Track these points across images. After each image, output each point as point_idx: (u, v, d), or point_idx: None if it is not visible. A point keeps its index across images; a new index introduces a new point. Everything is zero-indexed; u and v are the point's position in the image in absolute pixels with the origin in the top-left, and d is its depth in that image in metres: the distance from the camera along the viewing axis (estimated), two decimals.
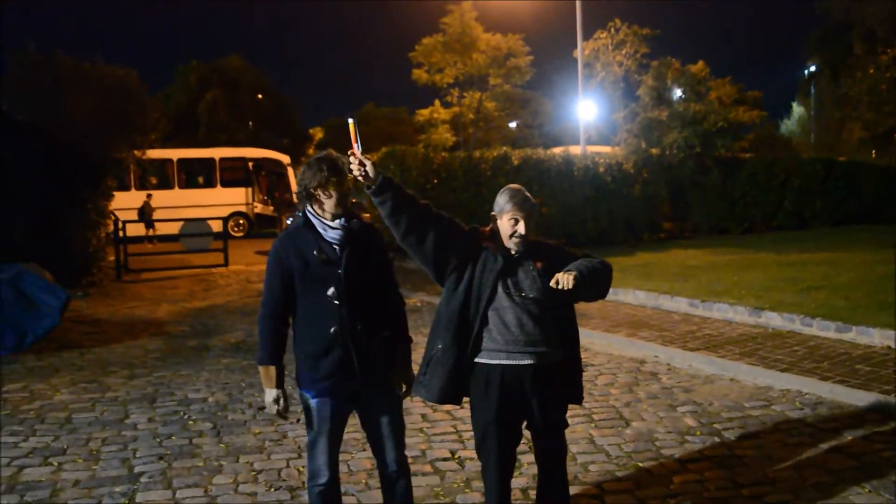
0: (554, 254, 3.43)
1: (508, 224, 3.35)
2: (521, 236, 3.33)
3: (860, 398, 5.78)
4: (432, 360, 3.37)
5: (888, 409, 5.57)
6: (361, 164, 3.11)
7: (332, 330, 3.19)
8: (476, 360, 3.33)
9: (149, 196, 23.93)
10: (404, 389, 3.42)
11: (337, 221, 3.25)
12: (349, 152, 3.17)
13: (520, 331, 3.28)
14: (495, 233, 3.42)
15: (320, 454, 3.29)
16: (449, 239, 3.32)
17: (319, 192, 3.21)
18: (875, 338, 7.35)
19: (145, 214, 23.02)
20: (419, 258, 3.30)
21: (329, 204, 3.22)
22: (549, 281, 3.21)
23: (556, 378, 3.35)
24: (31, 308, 8.38)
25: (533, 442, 3.53)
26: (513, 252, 3.37)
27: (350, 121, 3.12)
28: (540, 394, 3.32)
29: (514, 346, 3.28)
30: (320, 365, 3.22)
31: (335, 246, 3.23)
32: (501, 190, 3.47)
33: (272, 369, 3.26)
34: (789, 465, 4.62)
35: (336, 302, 3.18)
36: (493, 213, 3.44)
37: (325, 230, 3.24)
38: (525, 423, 3.45)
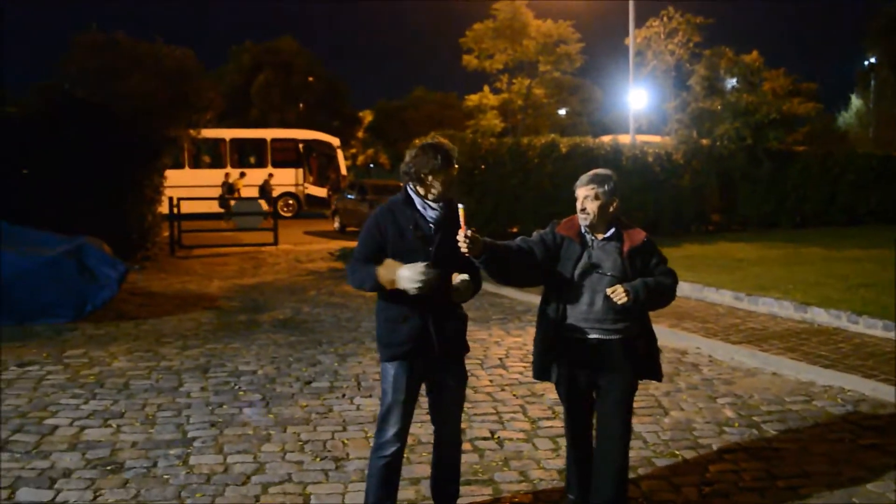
0: (642, 244, 3.58)
1: (578, 205, 3.59)
2: (583, 212, 3.55)
3: None
4: (535, 339, 3.76)
5: None
6: (471, 242, 3.27)
7: (414, 301, 3.38)
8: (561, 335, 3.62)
9: (270, 175, 25.20)
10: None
11: (437, 203, 3.46)
12: (459, 232, 3.29)
13: (589, 309, 3.52)
14: (575, 218, 3.66)
15: (392, 426, 3.49)
16: (538, 263, 3.59)
17: (430, 177, 3.41)
18: None
19: (266, 192, 24.14)
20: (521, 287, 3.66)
21: (436, 189, 3.43)
22: (629, 264, 3.50)
23: (620, 354, 3.55)
24: (90, 279, 8.74)
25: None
26: (583, 229, 3.59)
27: (460, 206, 3.35)
28: (602, 369, 3.57)
29: (585, 323, 3.54)
30: (399, 330, 3.44)
31: (431, 224, 3.44)
32: None
33: (382, 266, 3.35)
34: (826, 460, 4.64)
35: None
36: None
37: (424, 209, 3.46)
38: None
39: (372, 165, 64.15)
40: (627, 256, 3.54)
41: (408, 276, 3.25)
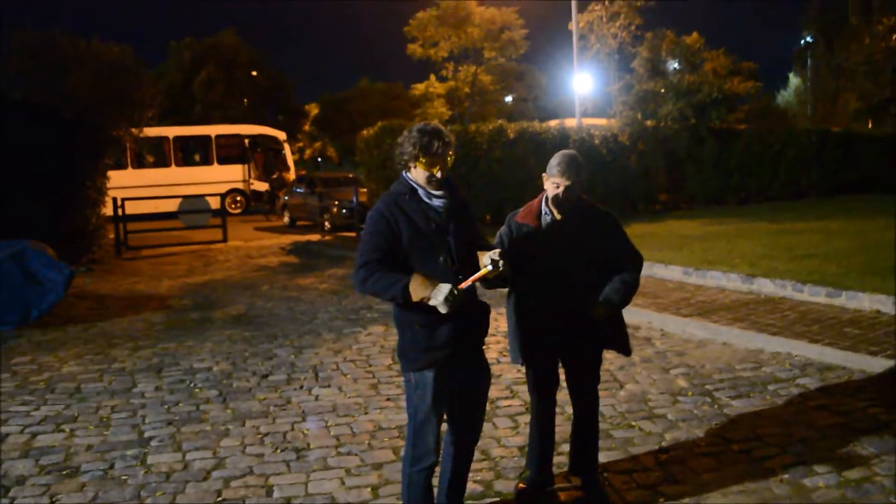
0: (587, 222, 3.68)
1: (550, 190, 3.66)
2: (556, 199, 3.64)
3: (848, 359, 5.95)
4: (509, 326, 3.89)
5: (874, 369, 5.74)
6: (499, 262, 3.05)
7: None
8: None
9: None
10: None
11: (439, 191, 3.18)
12: (488, 256, 3.07)
13: (547, 286, 3.64)
14: (532, 204, 3.79)
15: (430, 435, 3.22)
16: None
17: (422, 163, 3.11)
18: (864, 302, 7.51)
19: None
20: None
21: (432, 175, 3.13)
22: (576, 242, 3.62)
23: (581, 327, 3.65)
24: (35, 284, 8.50)
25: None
26: (542, 212, 3.72)
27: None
28: (563, 342, 3.73)
29: (545, 299, 3.67)
30: (437, 333, 3.12)
31: (441, 213, 3.17)
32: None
33: (415, 279, 3.00)
34: (777, 423, 4.79)
35: (451, 268, 3.11)
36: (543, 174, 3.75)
37: (429, 199, 3.17)
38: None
39: (320, 159, 63.56)
40: (574, 236, 3.63)
41: (442, 299, 2.93)
